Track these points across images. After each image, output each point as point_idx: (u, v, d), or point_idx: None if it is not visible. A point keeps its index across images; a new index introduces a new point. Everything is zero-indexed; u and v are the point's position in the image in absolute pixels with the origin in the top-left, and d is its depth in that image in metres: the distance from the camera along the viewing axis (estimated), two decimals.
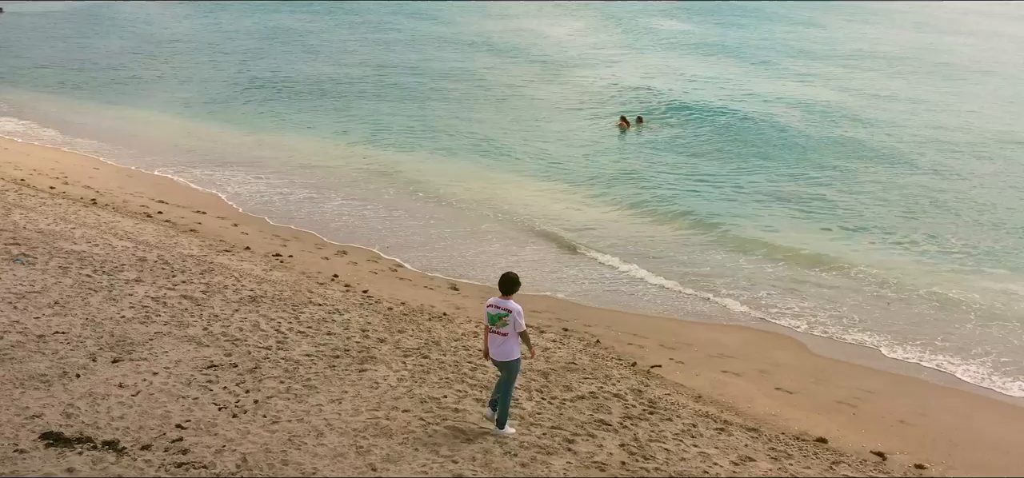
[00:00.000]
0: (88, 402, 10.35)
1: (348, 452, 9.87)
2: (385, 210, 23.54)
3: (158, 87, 40.39)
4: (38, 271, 14.84)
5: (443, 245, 21.04)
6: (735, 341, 16.77)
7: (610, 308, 17.89)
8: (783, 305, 17.32)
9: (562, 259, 20.61)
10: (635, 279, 18.92)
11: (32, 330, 12.29)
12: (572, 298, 18.22)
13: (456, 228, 22.31)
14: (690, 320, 16.91)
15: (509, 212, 23.82)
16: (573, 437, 11.11)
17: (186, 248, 17.82)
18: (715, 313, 17.82)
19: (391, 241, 20.90)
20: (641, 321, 17.43)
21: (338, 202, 24.49)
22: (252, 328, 13.74)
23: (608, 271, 19.43)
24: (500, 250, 20.70)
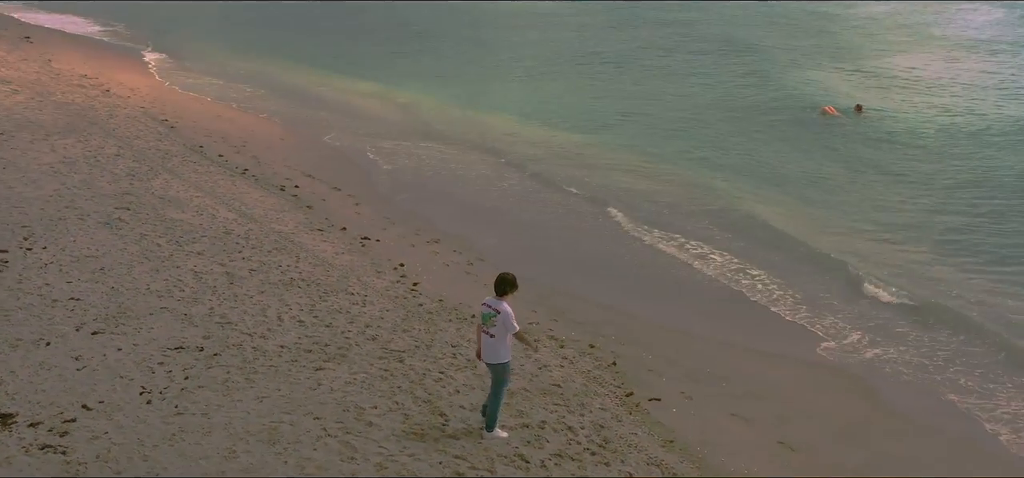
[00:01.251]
0: (30, 371, 11.86)
1: (213, 456, 10.09)
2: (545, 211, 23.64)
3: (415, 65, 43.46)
4: (117, 236, 17.06)
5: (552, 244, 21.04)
6: (780, 377, 14.42)
7: (672, 328, 16.55)
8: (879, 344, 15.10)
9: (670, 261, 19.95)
10: (735, 295, 17.84)
11: (52, 295, 14.22)
12: (638, 310, 17.28)
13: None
14: (752, 348, 15.59)
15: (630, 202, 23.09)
16: (467, 471, 10.64)
17: (282, 225, 19.34)
18: (785, 349, 15.36)
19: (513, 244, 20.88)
20: (688, 342, 15.99)
21: (496, 194, 25.00)
22: (257, 312, 14.94)
23: (717, 284, 18.72)
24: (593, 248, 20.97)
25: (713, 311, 17.43)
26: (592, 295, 17.71)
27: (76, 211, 19.15)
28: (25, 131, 25.76)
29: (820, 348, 15.30)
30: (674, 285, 18.91)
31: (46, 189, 20.33)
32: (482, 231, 21.39)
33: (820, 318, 16.87)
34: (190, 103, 33.81)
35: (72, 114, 28.48)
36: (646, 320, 16.78)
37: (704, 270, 19.43)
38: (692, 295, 18.33)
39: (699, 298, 18.36)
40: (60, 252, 16.62)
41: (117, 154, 24.10)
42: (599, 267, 19.45)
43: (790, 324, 16.79)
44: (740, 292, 18.33)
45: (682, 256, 19.63)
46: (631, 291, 18.18)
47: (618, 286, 18.41)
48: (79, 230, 17.96)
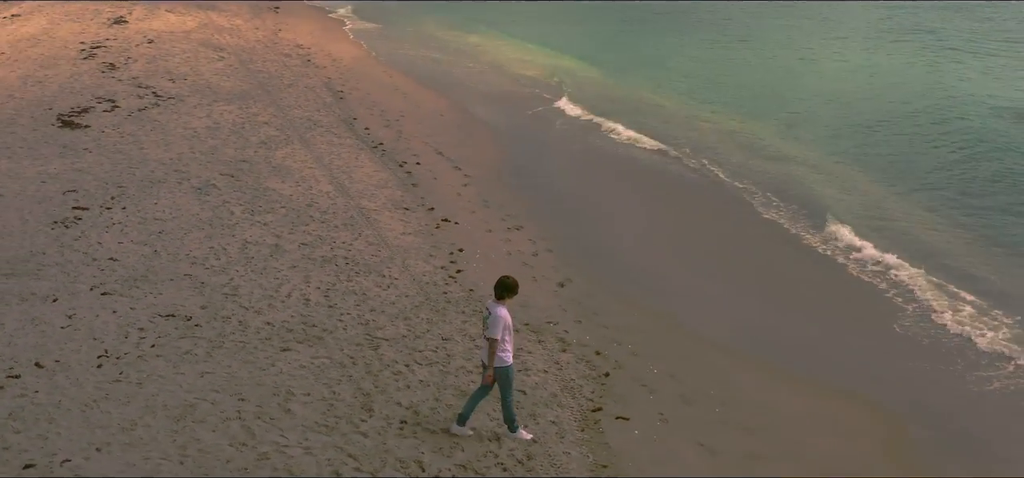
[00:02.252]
0: (16, 325, 13.46)
1: (111, 427, 10.80)
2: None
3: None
4: (199, 202, 18.87)
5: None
6: (793, 410, 12.83)
7: (711, 341, 15.21)
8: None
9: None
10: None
11: (95, 253, 16.07)
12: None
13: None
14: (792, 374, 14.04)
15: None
16: (350, 471, 10.60)
17: (371, 201, 20.18)
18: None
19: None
20: (714, 358, 14.61)
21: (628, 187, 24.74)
22: (271, 287, 15.63)
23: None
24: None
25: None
26: (641, 299, 16.53)
27: (179, 175, 21.16)
28: (198, 96, 28.98)
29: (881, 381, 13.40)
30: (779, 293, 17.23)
31: (171, 152, 22.42)
32: (575, 221, 20.66)
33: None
34: (380, 75, 35.48)
35: (256, 82, 31.59)
36: (689, 330, 15.52)
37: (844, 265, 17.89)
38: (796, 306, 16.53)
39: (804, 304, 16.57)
40: (135, 213, 18.15)
41: (266, 122, 25.94)
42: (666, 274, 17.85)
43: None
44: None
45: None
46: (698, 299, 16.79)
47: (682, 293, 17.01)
48: (168, 193, 19.77)
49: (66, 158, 22.00)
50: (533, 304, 15.71)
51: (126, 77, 30.79)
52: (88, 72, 30.95)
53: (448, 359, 13.21)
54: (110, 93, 28.58)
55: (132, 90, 29.18)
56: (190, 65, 33.07)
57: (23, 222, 17.76)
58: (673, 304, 16.25)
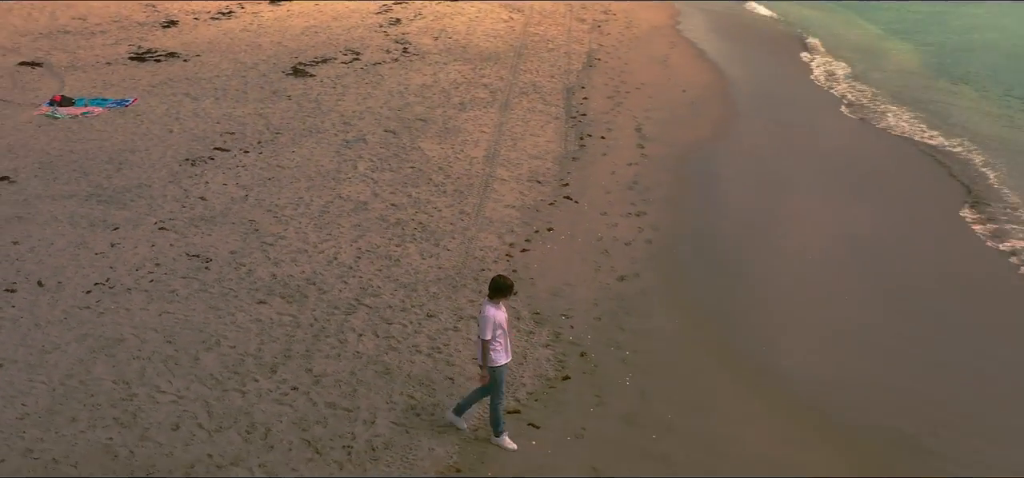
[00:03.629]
0: (66, 244, 15.87)
1: (49, 349, 12.79)
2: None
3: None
4: (336, 155, 20.59)
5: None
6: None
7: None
8: None
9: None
10: None
11: (193, 191, 18.34)
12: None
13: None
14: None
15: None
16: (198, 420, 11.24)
17: (505, 171, 20.32)
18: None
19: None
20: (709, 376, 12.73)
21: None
22: (312, 242, 16.48)
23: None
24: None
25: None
26: (712, 321, 14.78)
27: (344, 127, 22.92)
28: (445, 55, 31.00)
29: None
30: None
31: (361, 105, 24.78)
32: (722, 223, 18.64)
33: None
34: (660, 45, 34.98)
35: (517, 45, 32.69)
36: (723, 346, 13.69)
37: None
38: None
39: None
40: (266, 159, 20.21)
41: (485, 84, 27.17)
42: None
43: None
44: None
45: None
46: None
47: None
48: (314, 144, 21.60)
49: (262, 102, 24.75)
50: (567, 294, 14.97)
51: (397, 33, 33.62)
52: (367, 26, 34.45)
53: (411, 335, 13.25)
54: (364, 46, 31.49)
55: (387, 45, 31.92)
56: (468, 26, 35.03)
57: (160, 156, 20.41)
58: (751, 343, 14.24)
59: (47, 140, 21.48)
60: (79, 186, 18.42)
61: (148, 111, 23.95)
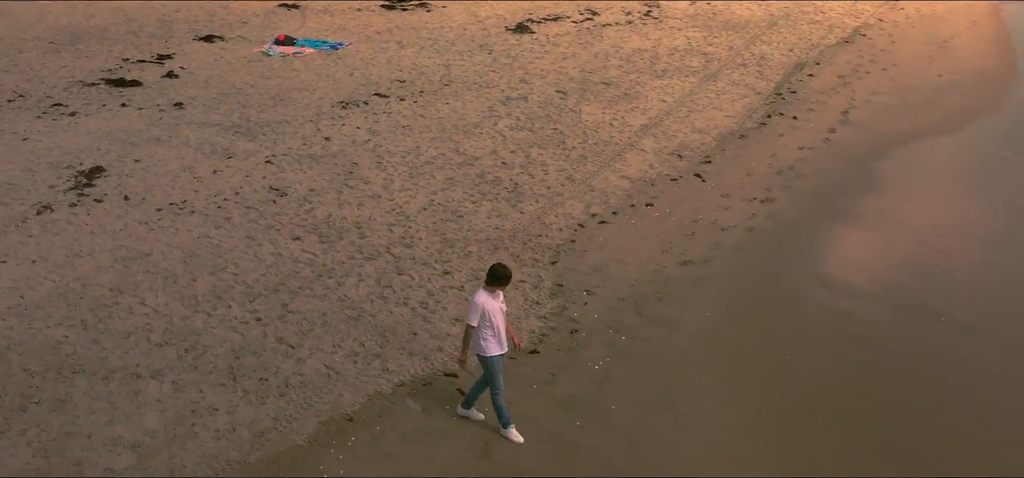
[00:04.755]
0: (176, 162, 18.45)
1: (96, 252, 14.79)
2: None
3: None
4: (486, 110, 21.46)
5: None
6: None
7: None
8: None
9: None
10: None
11: (321, 132, 19.94)
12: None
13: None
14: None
15: None
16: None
17: (649, 142, 19.93)
18: None
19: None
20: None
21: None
22: (387, 189, 17.05)
23: None
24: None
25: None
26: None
27: (520, 86, 23.46)
28: (685, 21, 30.68)
29: None
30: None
31: (552, 65, 25.09)
32: (842, 214, 16.93)
33: None
34: (954, 29, 31.84)
35: (776, 18, 31.74)
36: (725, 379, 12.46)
37: None
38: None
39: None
40: (411, 106, 21.47)
41: (704, 54, 26.65)
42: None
43: None
44: None
45: None
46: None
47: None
48: (473, 98, 22.29)
49: (460, 55, 26.03)
50: (609, 271, 14.42)
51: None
52: None
53: (411, 288, 13.54)
54: (609, 7, 31.89)
55: (632, 7, 32.34)
56: None
57: (321, 97, 22.19)
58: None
59: (242, 74, 23.91)
60: (230, 117, 20.37)
61: (351, 55, 25.87)
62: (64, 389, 10.91)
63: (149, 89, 22.64)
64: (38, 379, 11.08)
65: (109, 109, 20.81)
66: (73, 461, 9.83)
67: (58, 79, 23.23)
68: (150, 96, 22.02)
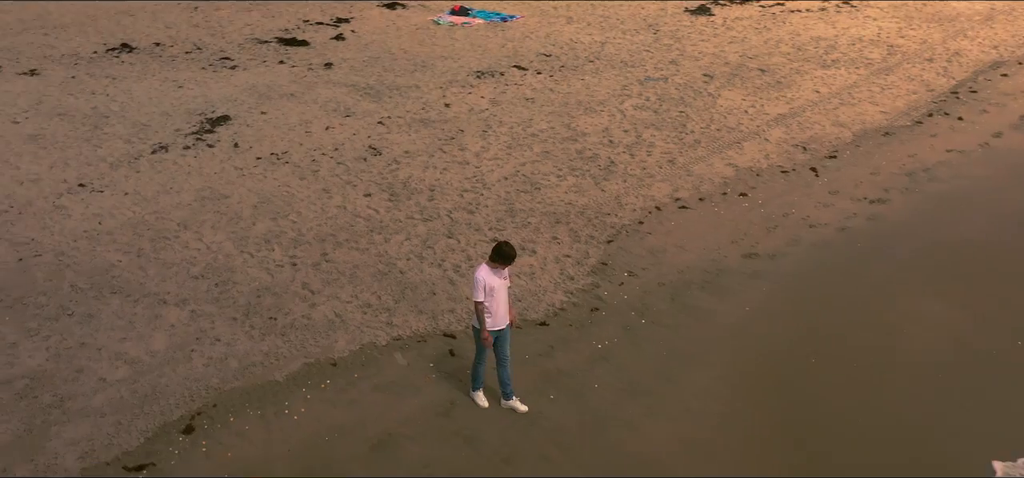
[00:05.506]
0: (304, 128, 20.21)
1: (213, 177, 17.23)
2: None
3: None
4: (621, 90, 22.04)
5: None
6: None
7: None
8: None
9: None
10: None
11: (453, 101, 21.12)
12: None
13: None
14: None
15: None
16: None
17: (793, 135, 19.36)
18: None
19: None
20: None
21: None
22: (486, 154, 17.52)
23: None
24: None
25: None
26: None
27: (665, 64, 23.42)
28: (896, 12, 29.35)
29: None
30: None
31: (704, 46, 24.91)
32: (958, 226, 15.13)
33: None
34: None
35: (993, 12, 29.89)
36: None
37: None
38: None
39: None
40: (544, 81, 21.82)
41: (894, 45, 25.51)
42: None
43: None
44: None
45: None
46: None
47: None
48: (611, 75, 22.48)
49: (625, 35, 26.08)
50: (663, 255, 14.11)
51: None
52: None
53: (452, 252, 13.97)
54: None
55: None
56: None
57: (461, 66, 22.97)
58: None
59: (402, 41, 25.24)
60: (367, 79, 21.56)
61: (515, 28, 26.64)
62: (97, 306, 12.12)
63: (312, 49, 24.35)
64: (80, 295, 12.32)
65: (267, 65, 22.47)
66: (76, 368, 10.89)
67: (238, 35, 25.34)
68: (309, 56, 23.66)
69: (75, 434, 9.87)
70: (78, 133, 17.96)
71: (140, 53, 23.86)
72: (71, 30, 26.24)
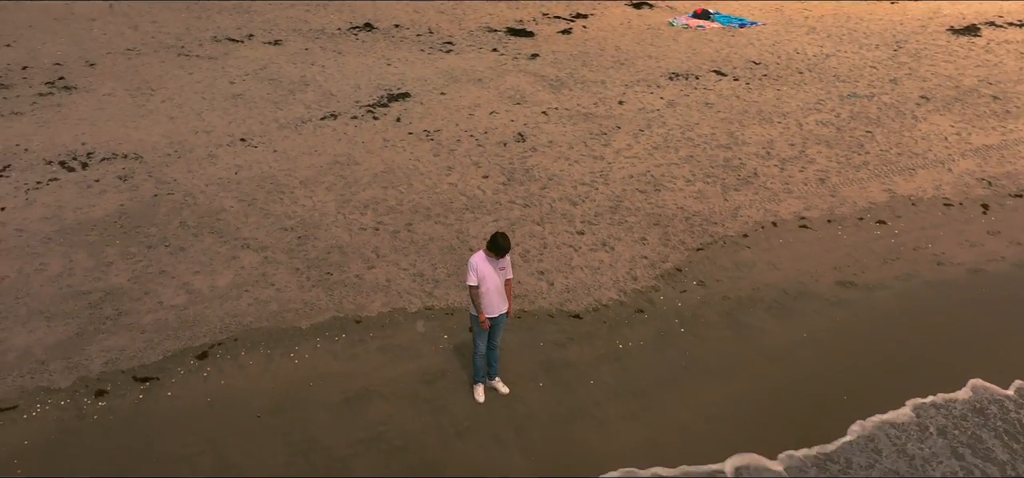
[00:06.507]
0: (467, 110, 21.77)
1: (321, 153, 19.36)
2: None
3: None
4: (816, 103, 21.41)
5: None
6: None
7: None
8: None
9: None
10: None
11: (627, 99, 21.95)
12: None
13: None
14: None
15: None
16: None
17: (923, 150, 18.93)
18: None
19: None
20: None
21: None
22: (593, 170, 17.45)
23: None
24: None
25: None
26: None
27: (862, 82, 22.36)
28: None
29: None
30: None
31: (939, 67, 23.78)
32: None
33: None
34: None
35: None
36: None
37: None
38: None
39: None
40: (731, 86, 21.48)
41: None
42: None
43: None
44: None
45: None
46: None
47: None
48: (812, 88, 21.70)
49: (855, 50, 24.88)
50: (746, 270, 13.73)
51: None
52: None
53: (528, 238, 14.33)
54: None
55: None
56: None
57: (653, 67, 22.90)
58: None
59: (624, 38, 25.69)
60: (559, 72, 22.24)
61: (749, 34, 26.33)
62: (191, 242, 13.72)
63: (532, 40, 25.35)
64: (184, 231, 14.02)
65: (480, 52, 23.88)
66: (145, 290, 12.56)
67: (473, 23, 26.98)
68: (524, 46, 24.63)
69: (112, 344, 11.33)
70: (272, 97, 19.97)
71: (377, 32, 25.93)
72: (330, 9, 28.92)
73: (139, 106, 19.22)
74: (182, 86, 20.55)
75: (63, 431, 9.97)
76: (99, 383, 10.71)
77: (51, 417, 10.17)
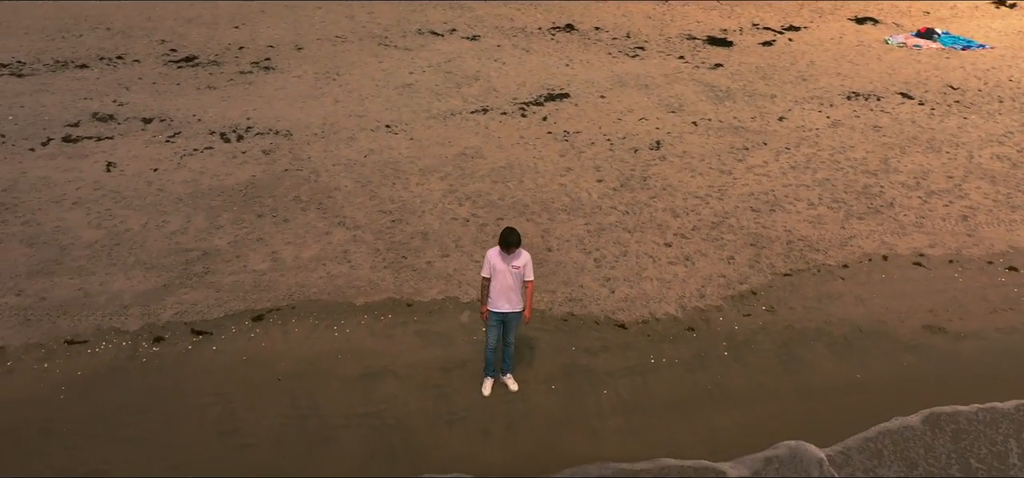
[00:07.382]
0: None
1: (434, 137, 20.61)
2: None
3: None
4: (987, 135, 20.57)
5: None
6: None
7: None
8: None
9: None
10: None
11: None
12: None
13: None
14: None
15: None
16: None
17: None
18: None
19: None
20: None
21: None
22: (719, 185, 17.13)
23: None
24: None
25: None
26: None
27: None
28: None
29: None
30: None
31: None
32: None
33: None
34: None
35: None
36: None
37: None
38: None
39: None
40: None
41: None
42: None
43: None
44: None
45: None
46: None
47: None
48: (969, 113, 20.46)
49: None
50: (828, 310, 13.24)
51: None
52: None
53: (610, 244, 14.63)
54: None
55: None
56: None
57: (829, 86, 22.18)
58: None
59: (826, 53, 24.97)
60: (733, 83, 22.02)
61: (971, 57, 24.91)
62: (296, 215, 14.82)
63: (729, 50, 25.04)
64: (294, 205, 15.20)
65: (666, 59, 23.94)
66: (237, 254, 13.74)
67: (675, 30, 27.00)
68: (714, 56, 24.33)
69: (188, 298, 12.55)
70: (438, 88, 20.94)
71: (574, 33, 26.43)
72: (540, 8, 29.54)
73: (316, 89, 20.74)
74: (365, 73, 21.91)
75: (112, 368, 11.15)
76: (162, 331, 11.84)
77: (109, 355, 11.37)
